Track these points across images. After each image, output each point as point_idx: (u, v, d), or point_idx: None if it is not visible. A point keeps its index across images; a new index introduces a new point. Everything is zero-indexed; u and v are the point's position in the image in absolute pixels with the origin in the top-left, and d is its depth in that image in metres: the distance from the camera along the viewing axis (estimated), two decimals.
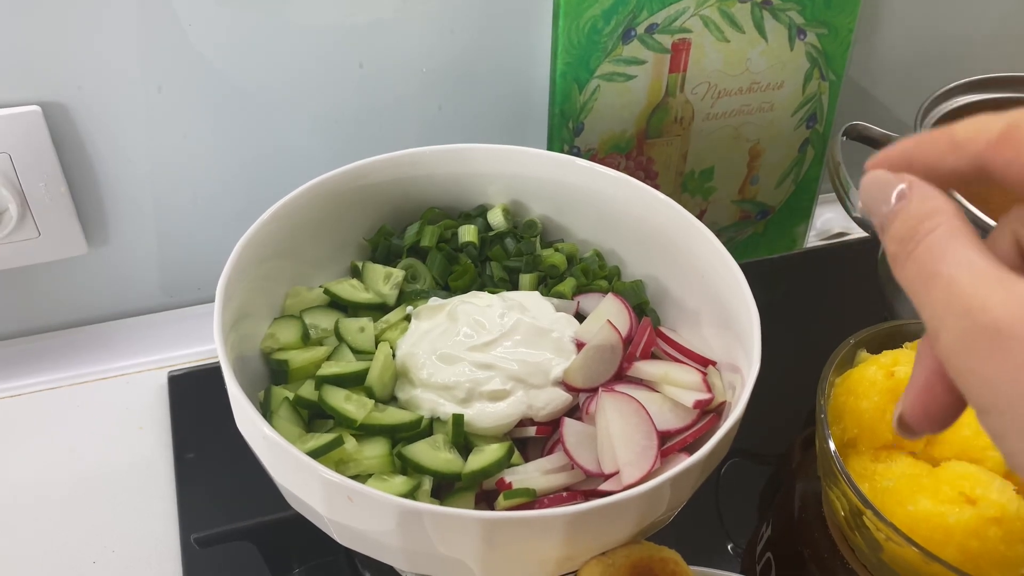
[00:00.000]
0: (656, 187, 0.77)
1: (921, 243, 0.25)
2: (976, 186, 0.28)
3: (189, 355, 0.70)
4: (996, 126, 0.27)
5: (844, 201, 0.61)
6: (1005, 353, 0.22)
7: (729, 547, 0.58)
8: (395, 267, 0.58)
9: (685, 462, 0.42)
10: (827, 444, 0.48)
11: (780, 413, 0.59)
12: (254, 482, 0.51)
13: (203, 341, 0.71)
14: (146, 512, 0.59)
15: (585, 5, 0.66)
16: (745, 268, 0.80)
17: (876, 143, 0.67)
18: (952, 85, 0.68)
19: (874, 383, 0.50)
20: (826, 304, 0.79)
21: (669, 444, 0.49)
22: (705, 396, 0.50)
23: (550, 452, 0.51)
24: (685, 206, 0.80)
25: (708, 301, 0.55)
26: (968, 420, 0.50)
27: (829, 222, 0.87)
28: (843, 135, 0.65)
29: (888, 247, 0.27)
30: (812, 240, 0.86)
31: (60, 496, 0.60)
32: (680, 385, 0.51)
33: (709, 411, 0.51)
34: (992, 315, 0.23)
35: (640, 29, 0.68)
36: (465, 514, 0.40)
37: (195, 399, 0.66)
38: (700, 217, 0.81)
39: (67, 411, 0.65)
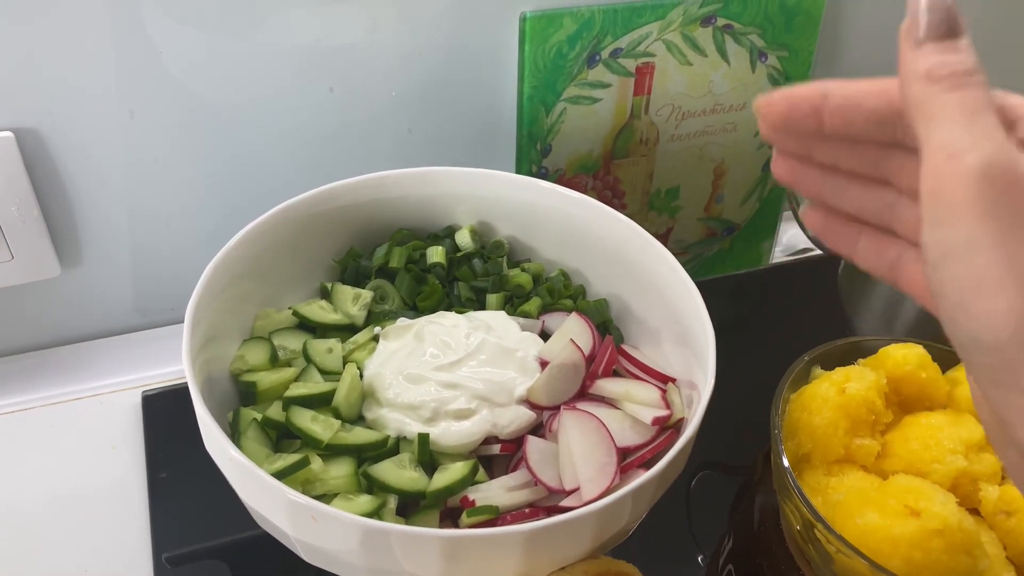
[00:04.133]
0: (623, 206, 0.80)
1: (977, 83, 0.30)
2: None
3: (163, 375, 0.70)
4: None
5: (800, 222, 0.62)
6: (1010, 194, 0.28)
7: (700, 559, 0.59)
8: (364, 288, 0.60)
9: (639, 479, 0.44)
10: (780, 459, 0.50)
11: (750, 425, 0.60)
12: (227, 501, 0.52)
13: (177, 361, 0.70)
14: (119, 531, 0.59)
15: (551, 30, 0.67)
16: (712, 284, 0.82)
17: None
18: None
19: (827, 400, 0.51)
20: (793, 318, 0.81)
21: (629, 460, 0.51)
22: (663, 413, 0.51)
23: (514, 469, 0.52)
24: (652, 224, 0.82)
25: (668, 319, 0.57)
26: (917, 434, 0.52)
27: (794, 238, 0.89)
28: None
29: (926, 59, 0.30)
30: (778, 256, 0.88)
31: (33, 516, 0.60)
32: (640, 402, 0.52)
33: (668, 427, 0.52)
34: (1016, 165, 0.28)
35: (604, 53, 0.70)
36: (425, 532, 0.41)
37: (169, 419, 0.66)
38: (667, 235, 0.83)
39: (41, 432, 0.66)
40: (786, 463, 0.50)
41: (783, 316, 0.81)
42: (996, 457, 0.50)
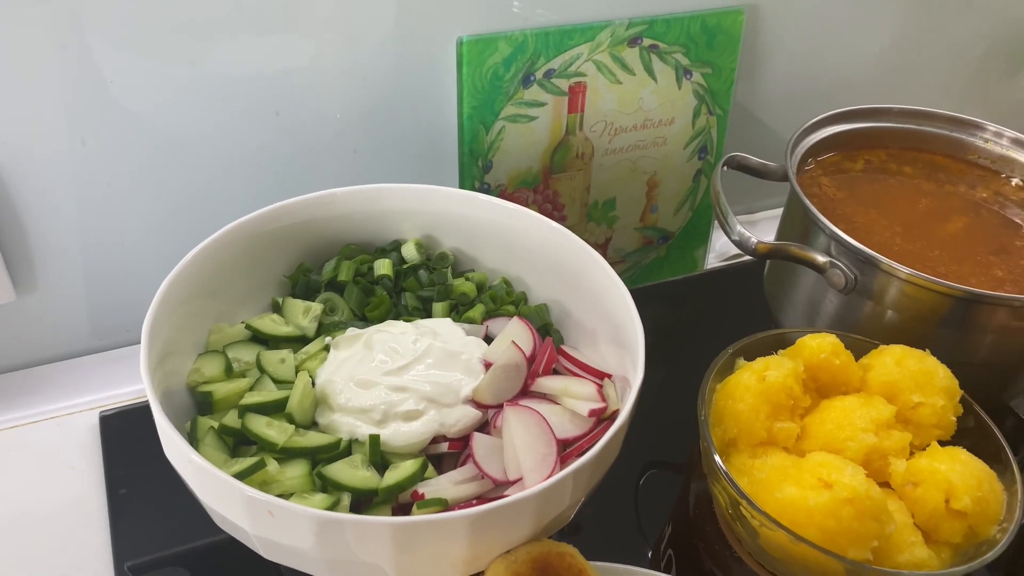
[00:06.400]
0: (564, 218, 0.84)
1: None
2: None
3: (120, 395, 0.72)
4: None
5: (724, 226, 0.67)
6: None
7: (649, 553, 0.63)
8: (314, 301, 0.62)
9: (574, 464, 0.47)
10: (707, 444, 0.54)
11: (693, 423, 0.64)
12: (185, 511, 0.54)
13: (133, 381, 0.73)
14: (81, 547, 0.61)
15: (486, 54, 0.71)
16: (651, 290, 0.86)
17: (754, 171, 0.74)
18: (819, 117, 0.75)
19: (748, 387, 0.55)
20: (728, 319, 0.85)
21: (569, 451, 0.54)
22: (599, 405, 0.55)
23: (462, 465, 0.55)
24: (591, 235, 0.86)
25: (603, 320, 0.61)
26: (832, 416, 0.56)
27: (727, 244, 0.93)
28: (723, 166, 0.72)
29: None
30: (712, 261, 0.93)
31: None
32: (578, 397, 0.56)
33: (604, 419, 0.56)
34: None
35: (538, 74, 0.74)
36: (377, 520, 0.44)
37: (127, 438, 0.68)
38: (606, 244, 0.87)
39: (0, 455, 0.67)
40: (712, 446, 0.53)
41: (719, 317, 0.85)
42: (903, 434, 0.55)
